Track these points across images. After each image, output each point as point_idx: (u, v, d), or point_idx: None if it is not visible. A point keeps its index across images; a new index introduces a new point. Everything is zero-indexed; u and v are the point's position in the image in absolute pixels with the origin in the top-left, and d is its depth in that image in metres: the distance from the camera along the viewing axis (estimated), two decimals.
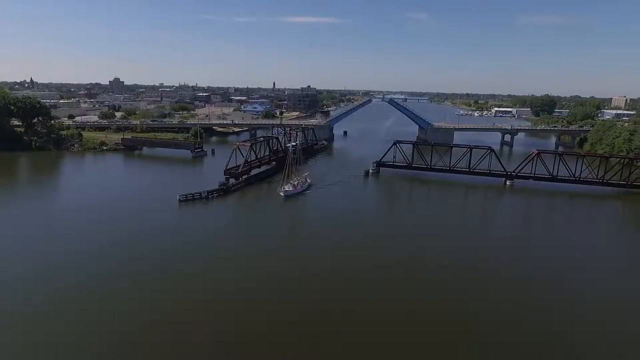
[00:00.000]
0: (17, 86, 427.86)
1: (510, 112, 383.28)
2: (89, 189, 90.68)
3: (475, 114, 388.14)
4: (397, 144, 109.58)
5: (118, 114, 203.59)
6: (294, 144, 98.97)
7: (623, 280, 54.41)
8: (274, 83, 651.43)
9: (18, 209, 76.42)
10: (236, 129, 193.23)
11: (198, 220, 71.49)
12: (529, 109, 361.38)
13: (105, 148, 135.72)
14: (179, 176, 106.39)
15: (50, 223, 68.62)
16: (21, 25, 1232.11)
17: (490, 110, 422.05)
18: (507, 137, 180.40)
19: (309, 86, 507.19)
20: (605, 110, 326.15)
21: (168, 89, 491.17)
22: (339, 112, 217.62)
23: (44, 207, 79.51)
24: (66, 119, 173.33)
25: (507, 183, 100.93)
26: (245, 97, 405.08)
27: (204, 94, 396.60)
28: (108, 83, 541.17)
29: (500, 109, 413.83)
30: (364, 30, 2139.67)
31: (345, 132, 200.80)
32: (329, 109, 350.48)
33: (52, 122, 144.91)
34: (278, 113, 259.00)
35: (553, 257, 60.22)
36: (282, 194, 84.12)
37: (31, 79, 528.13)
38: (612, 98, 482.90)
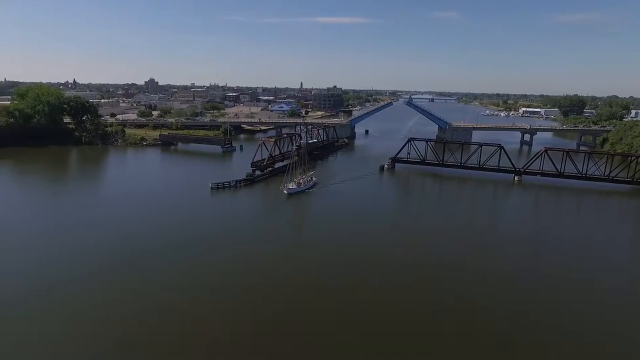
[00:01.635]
0: (61, 87, 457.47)
1: (539, 112, 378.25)
2: (133, 177, 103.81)
3: (502, 114, 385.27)
4: (412, 141, 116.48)
5: (154, 113, 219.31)
6: (301, 143, 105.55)
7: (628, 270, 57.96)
8: (302, 83, 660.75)
9: (68, 197, 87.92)
10: (263, 127, 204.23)
11: (218, 210, 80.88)
12: (557, 109, 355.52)
13: (145, 143, 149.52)
14: (211, 168, 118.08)
15: (98, 210, 77.18)
16: (63, 30, 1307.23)
17: (518, 111, 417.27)
18: (527, 137, 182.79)
19: (335, 86, 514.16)
20: (639, 111, 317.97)
21: (199, 89, 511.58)
22: (361, 112, 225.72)
23: (93, 195, 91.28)
24: (109, 117, 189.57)
25: (516, 179, 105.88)
26: (272, 97, 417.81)
27: (234, 94, 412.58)
28: (143, 83, 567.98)
29: (529, 109, 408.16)
30: (392, 30, 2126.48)
31: (366, 131, 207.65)
32: (354, 109, 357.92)
33: (99, 119, 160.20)
34: (303, 112, 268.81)
35: (562, 250, 62.46)
36: (285, 192, 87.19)
37: (74, 79, 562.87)
38: None
